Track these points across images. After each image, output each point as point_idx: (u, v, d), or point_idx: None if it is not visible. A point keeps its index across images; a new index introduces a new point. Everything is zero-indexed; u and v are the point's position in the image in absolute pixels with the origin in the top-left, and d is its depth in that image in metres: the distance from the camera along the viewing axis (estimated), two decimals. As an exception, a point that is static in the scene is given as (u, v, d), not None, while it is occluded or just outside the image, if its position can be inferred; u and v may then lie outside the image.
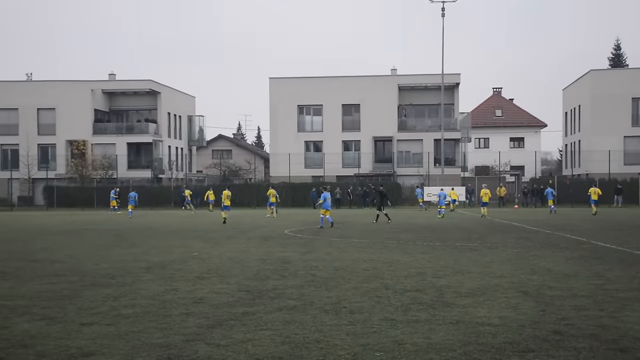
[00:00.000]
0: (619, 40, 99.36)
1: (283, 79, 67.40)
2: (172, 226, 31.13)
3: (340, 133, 65.64)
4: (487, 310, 9.04)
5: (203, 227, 29.69)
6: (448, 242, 20.30)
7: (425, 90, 66.71)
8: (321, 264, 14.60)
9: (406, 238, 22.30)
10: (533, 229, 26.32)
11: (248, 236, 23.64)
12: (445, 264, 14.59)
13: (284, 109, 65.49)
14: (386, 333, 7.74)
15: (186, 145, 75.94)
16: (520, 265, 14.24)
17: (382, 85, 65.41)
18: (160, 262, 15.32)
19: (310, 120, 66.65)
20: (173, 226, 31.12)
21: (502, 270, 13.39)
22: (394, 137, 64.81)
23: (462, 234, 24.20)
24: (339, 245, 19.49)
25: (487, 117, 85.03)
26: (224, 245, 20.03)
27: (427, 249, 18.10)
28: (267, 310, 9.20)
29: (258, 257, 16.19)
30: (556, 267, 13.85)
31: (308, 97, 65.70)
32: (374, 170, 64.28)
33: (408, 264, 14.50)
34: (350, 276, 12.62)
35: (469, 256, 16.13)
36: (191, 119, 76.87)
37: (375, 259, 15.59)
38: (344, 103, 65.78)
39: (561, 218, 35.79)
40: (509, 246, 18.78)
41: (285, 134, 65.33)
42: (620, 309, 9.13)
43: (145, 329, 8.10)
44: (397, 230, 26.69)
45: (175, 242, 21.44)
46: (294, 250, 17.98)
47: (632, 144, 63.28)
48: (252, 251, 17.87)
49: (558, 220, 33.62)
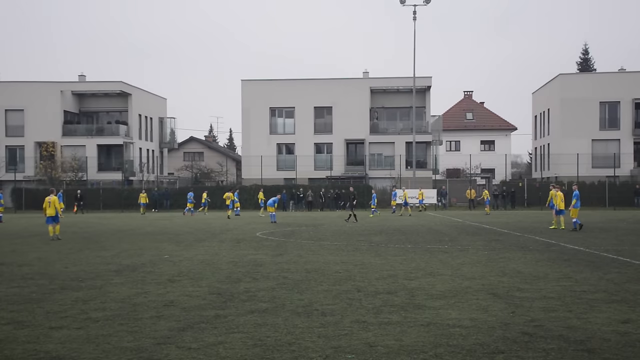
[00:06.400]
0: (587, 45, 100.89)
1: (255, 81, 67.28)
2: (143, 229, 30.93)
3: (313, 135, 65.71)
4: (458, 312, 9.11)
5: (174, 230, 29.57)
6: (419, 245, 20.39)
7: (397, 93, 67.06)
8: (293, 267, 14.62)
9: (378, 240, 22.37)
10: (503, 232, 26.50)
11: (220, 239, 23.60)
12: (417, 266, 14.66)
13: (256, 111, 65.44)
14: (358, 335, 7.75)
15: (157, 147, 75.37)
16: (490, 267, 14.36)
17: (354, 88, 65.62)
18: (130, 265, 15.20)
19: (282, 122, 66.59)
20: (144, 229, 30.93)
21: (472, 272, 13.49)
22: (366, 140, 65.01)
23: (433, 236, 24.33)
24: (311, 248, 19.52)
25: (458, 120, 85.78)
26: (195, 247, 19.95)
27: (399, 252, 18.16)
28: (239, 312, 9.17)
29: (230, 260, 16.15)
30: (526, 269, 13.99)
31: (280, 99, 65.67)
32: (346, 173, 64.42)
33: (380, 267, 14.56)
34: (322, 278, 12.64)
35: (441, 258, 16.23)
36: (162, 120, 76.33)
37: (347, 262, 15.62)
38: (316, 105, 65.86)
39: (531, 220, 36.08)
40: (480, 248, 18.90)
41: (258, 136, 65.24)
42: (588, 310, 9.25)
43: (116, 332, 8.02)
44: (369, 232, 26.75)
45: (146, 244, 21.31)
46: (266, 253, 17.95)
47: (600, 147, 64.25)
48: (224, 254, 17.81)
49: (528, 223, 33.90)
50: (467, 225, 32.14)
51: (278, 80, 67.32)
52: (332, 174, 63.55)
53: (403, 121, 66.40)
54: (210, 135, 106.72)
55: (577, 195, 27.37)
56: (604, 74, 67.71)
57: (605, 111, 64.76)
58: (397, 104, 67.18)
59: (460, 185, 62.22)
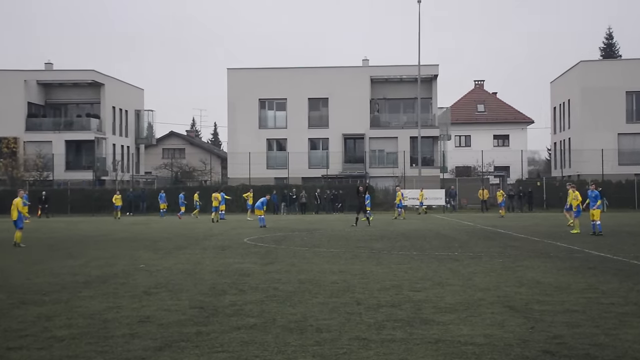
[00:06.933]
0: (611, 29, 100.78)
1: (242, 70, 67.48)
2: (116, 234, 30.79)
3: (307, 130, 65.84)
4: (470, 328, 9.05)
5: (152, 236, 29.45)
6: (426, 252, 20.38)
7: (400, 83, 67.18)
8: (285, 277, 14.61)
9: (380, 247, 22.35)
10: (520, 236, 26.47)
11: (202, 245, 23.56)
12: (424, 275, 14.66)
13: (243, 104, 65.51)
14: (358, 354, 7.68)
15: (133, 143, 75.34)
16: (506, 276, 14.35)
17: (353, 78, 65.73)
18: (101, 276, 15.12)
19: (272, 115, 66.77)
20: (117, 234, 30.79)
21: (486, 282, 13.50)
22: (365, 135, 65.17)
23: (441, 242, 24.32)
24: (304, 255, 19.51)
25: (469, 113, 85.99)
26: (174, 255, 19.90)
27: (404, 259, 18.16)
28: (224, 329, 9.11)
29: (213, 269, 16.13)
30: (546, 278, 13.97)
31: (270, 90, 65.75)
32: (344, 171, 64.52)
33: (382, 276, 14.54)
34: (317, 290, 12.61)
35: (450, 267, 16.23)
36: (139, 113, 76.31)
37: (345, 271, 15.60)
38: (310, 97, 66.00)
39: (550, 224, 36.18)
40: (494, 255, 18.92)
41: (245, 131, 65.34)
42: (617, 325, 9.17)
43: (83, 353, 7.90)
44: (370, 238, 26.74)
45: (120, 252, 21.25)
46: (254, 261, 17.94)
47: (627, 142, 64.30)
48: (207, 262, 17.79)
49: (547, 226, 33.98)
50: (479, 229, 32.17)
51: (268, 69, 67.50)
52: (329, 173, 63.63)
53: (407, 114, 66.67)
54: (193, 130, 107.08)
55: (596, 196, 27.16)
56: (630, 61, 67.87)
57: (633, 101, 64.88)
58: (401, 95, 67.35)
59: (471, 185, 62.42)
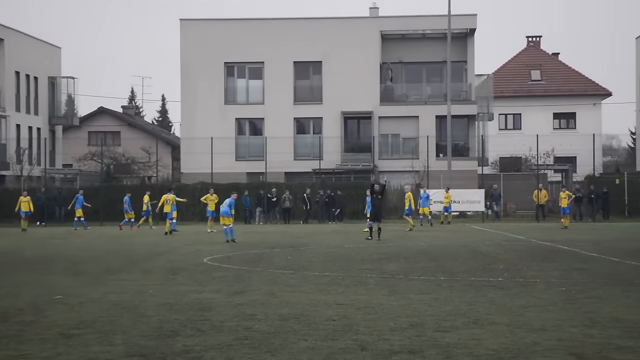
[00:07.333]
0: None
1: (202, 22, 67.62)
2: (22, 252, 30.57)
3: (292, 107, 65.84)
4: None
5: (73, 254, 29.26)
6: (458, 276, 20.44)
7: (422, 41, 67.19)
8: (260, 311, 14.66)
9: (394, 269, 22.35)
10: (591, 256, 26.44)
11: (145, 268, 23.59)
12: (455, 309, 14.69)
13: (203, 69, 65.43)
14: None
15: (46, 124, 74.98)
16: (571, 312, 14.37)
17: (357, 34, 65.69)
18: (0, 312, 15.08)
19: (244, 86, 66.88)
20: (24, 252, 30.56)
21: (543, 320, 13.49)
22: (374, 113, 65.11)
23: (479, 262, 24.38)
24: (288, 282, 19.52)
25: (519, 82, 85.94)
26: (105, 282, 19.86)
27: (426, 287, 18.20)
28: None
29: (161, 302, 16.17)
30: (629, 315, 13.96)
31: (241, 50, 65.63)
32: (344, 164, 64.46)
33: (397, 310, 14.58)
34: (306, 330, 12.63)
35: (491, 298, 16.30)
36: (54, 82, 75.90)
37: (345, 303, 15.65)
38: (297, 60, 65.93)
39: (635, 238, 36.22)
40: (554, 282, 18.96)
41: (206, 107, 65.36)
42: None
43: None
44: (380, 257, 26.67)
45: (27, 278, 21.19)
46: (218, 290, 18.02)
47: None
48: (152, 291, 17.85)
49: (630, 242, 33.90)
50: (533, 245, 32.01)
51: (238, 21, 67.77)
52: (322, 167, 63.21)
53: (432, 84, 66.69)
54: (132, 105, 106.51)
55: None
56: None
57: None
58: (423, 58, 67.29)
59: (522, 184, 62.55)
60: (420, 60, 67.73)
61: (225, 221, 35.85)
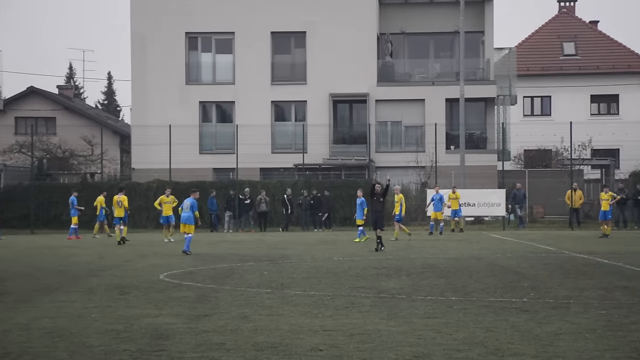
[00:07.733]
0: None
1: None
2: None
3: (269, 88, 63.05)
4: None
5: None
6: (473, 296, 20.05)
7: (429, 7, 64.86)
8: (230, 339, 14.24)
9: (394, 288, 21.89)
10: (637, 271, 26.00)
11: (87, 286, 22.95)
12: (469, 336, 14.33)
13: (158, 41, 62.65)
14: None
15: (-38, 108, 74.87)
16: (613, 340, 14.00)
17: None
18: None
19: (210, 62, 64.00)
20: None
21: (577, 350, 13.18)
22: (370, 96, 62.68)
23: (499, 279, 23.82)
24: (264, 302, 19.10)
25: (549, 58, 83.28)
26: (36, 304, 19.30)
27: (434, 309, 17.87)
28: None
29: (106, 328, 15.70)
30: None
31: (206, 18, 62.65)
32: (333, 158, 62.33)
33: (397, 338, 14.22)
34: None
35: (514, 323, 15.90)
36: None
37: (334, 329, 15.29)
38: (275, 30, 62.71)
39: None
40: (592, 304, 18.49)
41: (163, 88, 62.76)
42: None
43: None
44: (378, 272, 26.23)
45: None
46: (178, 313, 17.58)
47: None
48: (95, 316, 17.33)
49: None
50: (565, 258, 31.47)
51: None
52: (307, 161, 60.99)
53: (442, 59, 64.95)
54: (70, 85, 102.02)
55: None
56: None
57: None
58: (430, 28, 64.92)
59: (552, 182, 60.31)
60: (426, 31, 64.92)
61: (187, 229, 34.58)
